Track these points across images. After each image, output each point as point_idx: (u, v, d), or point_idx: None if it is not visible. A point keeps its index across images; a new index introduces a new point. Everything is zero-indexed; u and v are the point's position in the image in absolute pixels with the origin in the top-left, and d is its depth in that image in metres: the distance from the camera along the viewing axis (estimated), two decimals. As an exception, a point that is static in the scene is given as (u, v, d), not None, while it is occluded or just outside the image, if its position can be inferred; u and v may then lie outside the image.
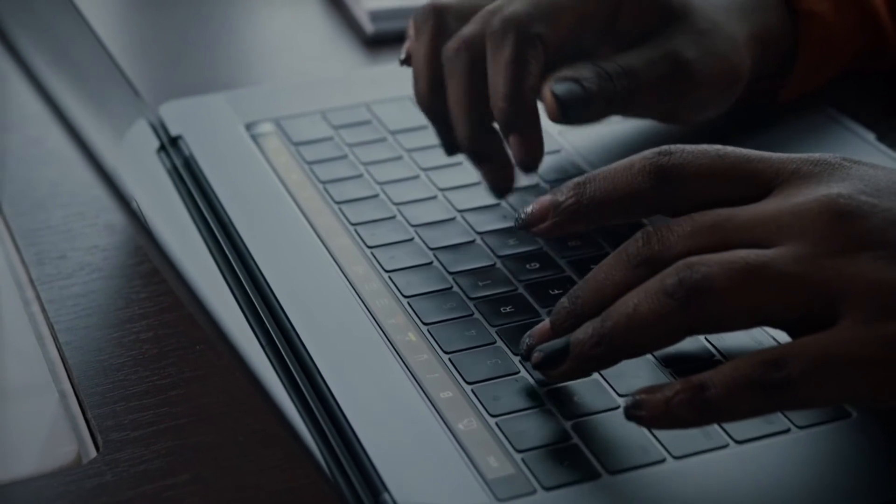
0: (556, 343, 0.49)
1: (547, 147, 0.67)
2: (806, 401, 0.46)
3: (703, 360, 0.52)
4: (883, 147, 0.67)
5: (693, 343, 0.53)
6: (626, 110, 0.64)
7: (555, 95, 0.59)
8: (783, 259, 0.46)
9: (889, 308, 0.45)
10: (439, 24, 0.62)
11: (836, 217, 0.47)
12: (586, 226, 0.52)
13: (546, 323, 0.50)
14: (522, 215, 0.53)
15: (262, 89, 0.76)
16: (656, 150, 0.51)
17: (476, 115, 0.60)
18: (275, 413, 0.44)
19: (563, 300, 0.50)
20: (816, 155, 0.50)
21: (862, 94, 0.73)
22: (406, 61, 0.64)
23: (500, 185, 0.62)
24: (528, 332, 0.51)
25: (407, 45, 0.64)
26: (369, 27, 0.85)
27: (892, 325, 0.45)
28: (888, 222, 0.47)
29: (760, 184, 0.50)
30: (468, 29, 0.61)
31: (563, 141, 0.69)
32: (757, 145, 0.67)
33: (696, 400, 0.45)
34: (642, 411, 0.46)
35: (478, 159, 0.61)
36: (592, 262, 0.54)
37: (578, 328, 0.49)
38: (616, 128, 0.70)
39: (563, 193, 0.52)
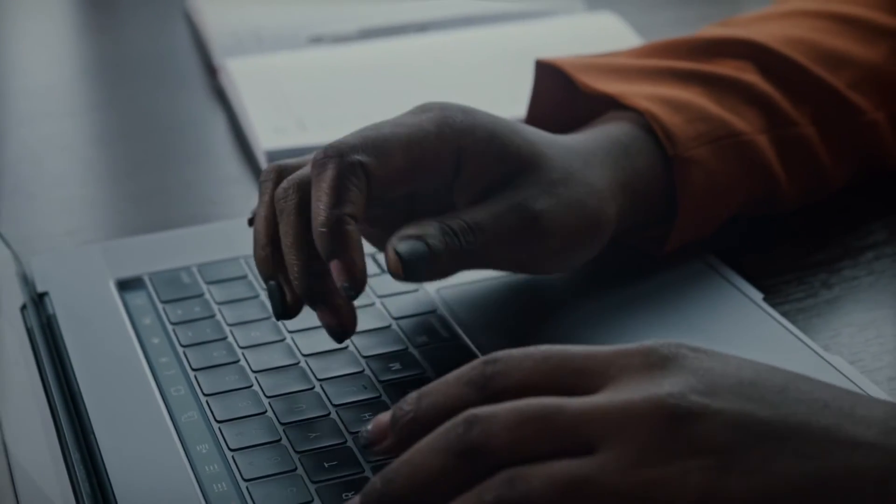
0: None
1: (422, 308, 0.65)
2: None
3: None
4: (769, 309, 0.64)
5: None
6: (477, 265, 0.62)
7: (398, 254, 0.57)
8: (607, 470, 0.44)
9: None
10: (278, 181, 0.60)
11: (665, 420, 0.44)
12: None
13: (356, 500, 0.47)
14: (364, 434, 0.49)
15: (141, 240, 0.73)
16: (484, 358, 0.48)
17: (305, 255, 0.58)
18: None
19: (376, 479, 0.47)
20: (649, 344, 0.47)
21: (747, 240, 0.71)
22: (252, 222, 0.62)
23: (337, 329, 0.59)
24: None
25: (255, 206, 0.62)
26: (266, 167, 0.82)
27: None
28: (719, 425, 0.44)
29: (589, 381, 0.47)
30: (300, 172, 0.59)
31: (436, 298, 0.66)
32: (634, 297, 0.66)
33: None
34: None
35: (311, 301, 0.58)
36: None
37: None
38: (489, 283, 0.67)
39: (401, 410, 0.48)
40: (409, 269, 0.57)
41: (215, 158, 0.88)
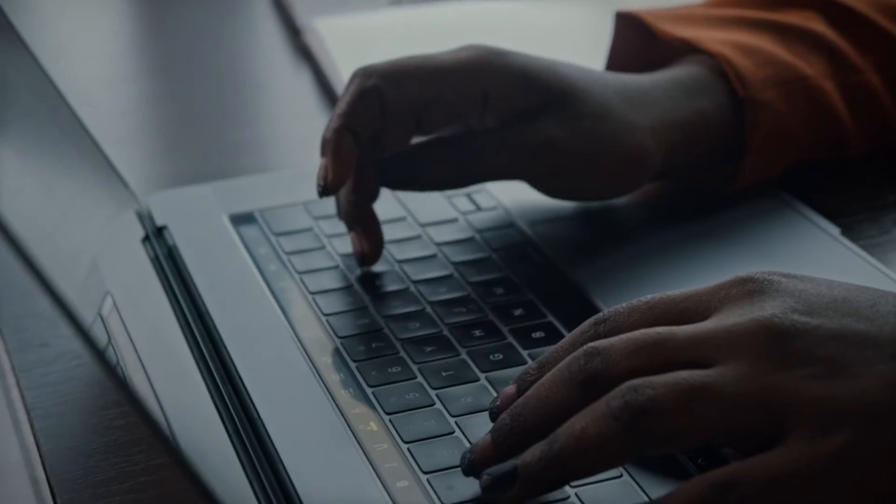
0: (505, 466, 0.49)
1: (517, 240, 0.70)
2: None
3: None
4: (847, 242, 0.68)
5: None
6: (483, 178, 0.68)
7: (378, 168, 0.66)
8: (724, 379, 0.47)
9: (830, 423, 0.46)
10: (364, 81, 0.67)
11: (772, 337, 0.48)
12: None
13: (487, 438, 0.51)
14: (494, 405, 0.53)
15: (248, 181, 0.78)
16: (593, 318, 0.52)
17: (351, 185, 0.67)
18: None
19: (505, 417, 0.51)
20: (744, 274, 0.51)
21: (818, 181, 0.75)
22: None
23: (363, 254, 0.67)
24: (470, 447, 0.52)
25: None
26: (357, 119, 0.87)
27: (835, 440, 0.46)
28: (821, 338, 0.48)
29: (693, 318, 0.51)
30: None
31: (530, 233, 0.71)
32: (712, 229, 0.70)
33: None
34: None
35: (348, 223, 0.67)
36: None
37: (526, 451, 0.49)
38: (576, 220, 0.72)
39: (528, 373, 0.53)
40: (387, 178, 0.67)
41: (305, 112, 0.92)
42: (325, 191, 0.64)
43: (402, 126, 0.67)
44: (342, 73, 0.91)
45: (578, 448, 0.48)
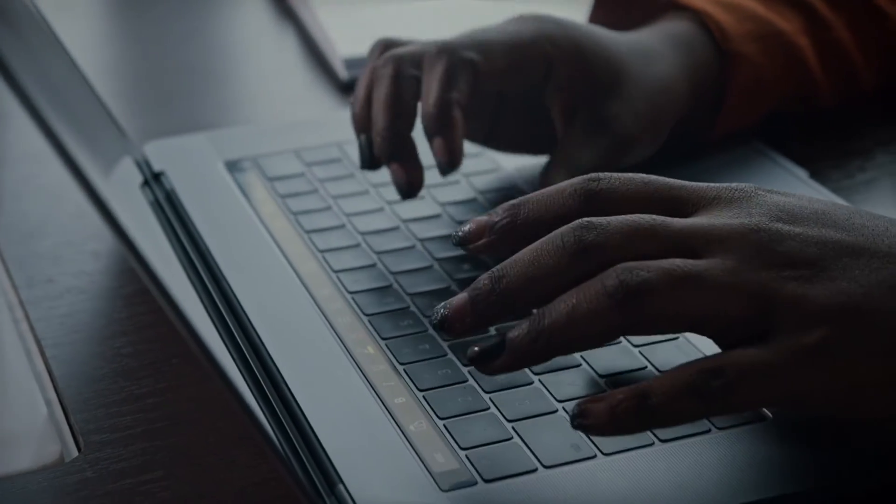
0: (492, 339, 0.52)
1: (504, 184, 0.73)
2: (741, 406, 0.50)
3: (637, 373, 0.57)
4: (815, 184, 0.72)
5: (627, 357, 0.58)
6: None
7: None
8: (714, 270, 0.50)
9: (810, 320, 0.50)
10: (384, 52, 0.69)
11: (758, 240, 0.51)
12: (519, 244, 0.53)
13: (464, 296, 0.52)
14: (459, 233, 0.55)
15: (242, 130, 0.81)
16: (586, 176, 0.54)
17: (392, 115, 0.66)
18: (243, 415, 0.49)
19: (485, 277, 0.52)
20: (734, 184, 0.54)
21: (789, 132, 0.78)
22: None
23: (406, 186, 0.67)
24: (444, 303, 0.53)
25: None
26: (343, 73, 0.90)
27: (814, 335, 0.49)
28: (803, 243, 0.51)
29: (682, 208, 0.54)
30: (401, 49, 0.68)
31: (517, 177, 0.74)
32: (690, 175, 0.72)
33: (639, 407, 0.49)
34: (588, 420, 0.49)
35: (389, 156, 0.67)
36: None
37: (514, 327, 0.51)
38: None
39: (499, 214, 0.55)
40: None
41: (292, 70, 0.95)
42: (452, 167, 0.65)
43: (486, 99, 0.70)
44: (327, 28, 0.94)
45: (568, 323, 0.50)
